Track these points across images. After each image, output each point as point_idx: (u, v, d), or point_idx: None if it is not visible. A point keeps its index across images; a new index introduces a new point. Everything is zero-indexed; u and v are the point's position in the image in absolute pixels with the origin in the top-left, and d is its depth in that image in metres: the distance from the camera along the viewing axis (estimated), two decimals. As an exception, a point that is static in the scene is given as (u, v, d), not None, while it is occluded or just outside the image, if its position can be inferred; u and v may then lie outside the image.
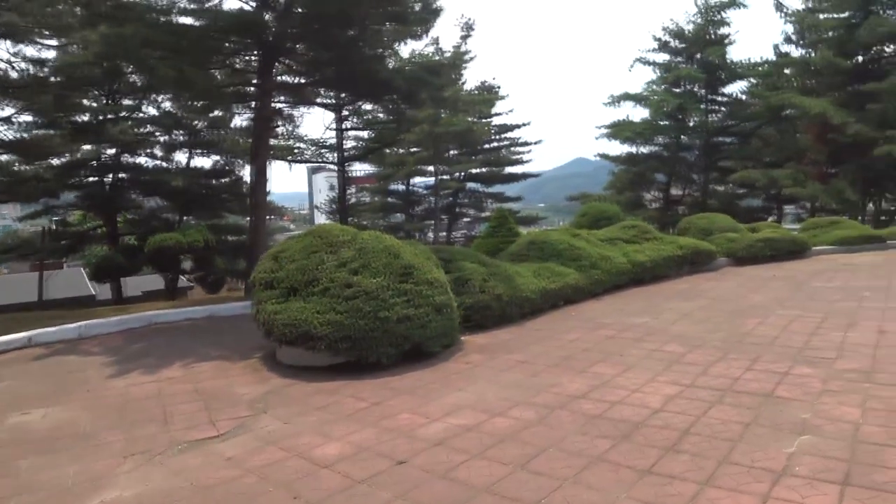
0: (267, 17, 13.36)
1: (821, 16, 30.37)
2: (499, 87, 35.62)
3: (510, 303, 8.83)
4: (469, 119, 32.32)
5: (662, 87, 33.53)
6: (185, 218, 23.34)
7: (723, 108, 34.27)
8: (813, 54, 30.43)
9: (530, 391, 5.71)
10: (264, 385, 6.38)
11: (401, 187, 37.61)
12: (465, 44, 27.53)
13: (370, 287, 6.55)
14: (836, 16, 29.76)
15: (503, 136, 37.72)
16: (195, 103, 18.28)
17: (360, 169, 35.81)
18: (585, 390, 5.65)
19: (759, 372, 6.03)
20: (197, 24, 12.91)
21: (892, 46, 28.97)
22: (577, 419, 4.94)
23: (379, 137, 27.94)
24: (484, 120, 35.64)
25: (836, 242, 17.53)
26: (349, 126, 28.57)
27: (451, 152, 36.12)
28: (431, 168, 34.85)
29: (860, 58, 29.22)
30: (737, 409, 5.00)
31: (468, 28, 26.49)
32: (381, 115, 25.20)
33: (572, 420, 4.93)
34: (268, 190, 19.46)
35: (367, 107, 24.86)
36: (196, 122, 22.19)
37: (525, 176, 39.43)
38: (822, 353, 6.68)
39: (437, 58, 19.89)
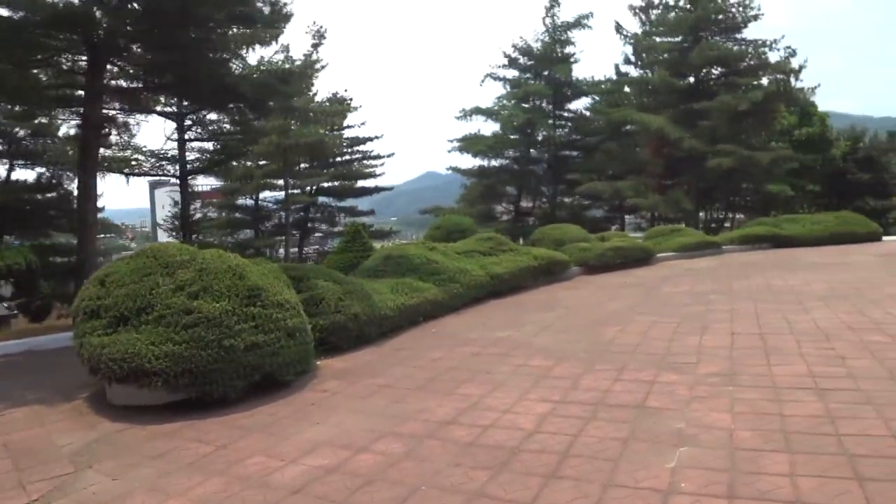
0: (97, 12, 12.06)
1: (657, 39, 32.57)
2: (351, 99, 35.08)
3: (368, 322, 8.32)
4: (320, 131, 31.48)
5: (512, 102, 34.48)
6: (4, 237, 20.92)
7: (569, 124, 35.83)
8: (650, 74, 32.52)
9: (396, 419, 5.23)
10: (90, 432, 5.43)
11: (249, 202, 36.06)
12: (317, 52, 26.81)
13: (213, 312, 5.80)
14: (670, 40, 32.05)
15: (355, 148, 37.17)
16: (14, 107, 16.37)
17: (204, 183, 33.99)
18: (455, 415, 5.26)
19: (628, 382, 5.94)
20: (11, 15, 11.44)
21: (719, 69, 31.51)
22: (449, 449, 4.52)
23: (224, 149, 26.42)
24: (335, 132, 34.91)
25: (678, 249, 18.46)
26: (192, 136, 26.83)
27: (302, 165, 35.07)
28: (281, 182, 33.60)
29: (692, 78, 31.56)
30: (612, 425, 4.81)
31: (320, 36, 25.80)
32: (227, 126, 23.84)
33: (444, 450, 4.50)
34: (101, 206, 17.77)
35: (213, 116, 23.44)
36: (17, 129, 19.98)
37: (377, 189, 39.06)
38: (684, 358, 6.74)
39: (286, 65, 19.07)
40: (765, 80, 30.58)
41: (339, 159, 37.03)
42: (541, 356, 7.17)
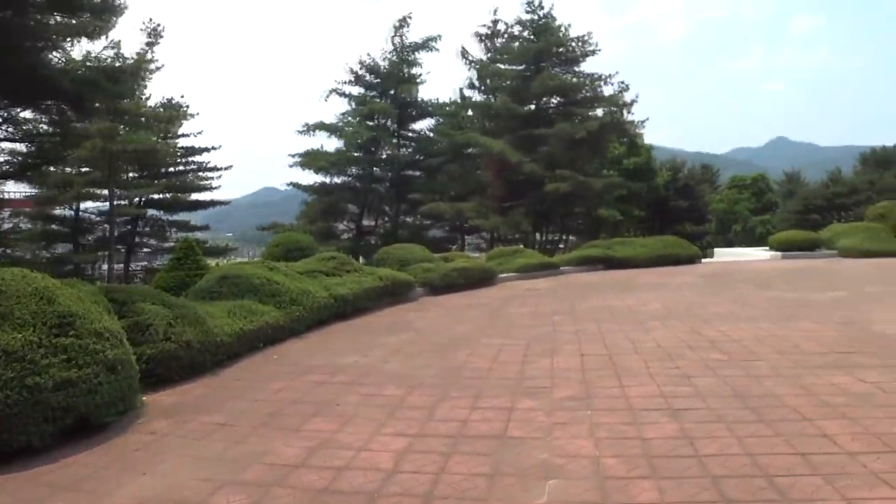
0: None
1: (500, 66, 33.64)
2: (187, 106, 33.19)
3: (202, 349, 7.52)
4: (152, 137, 29.35)
5: (357, 119, 34.20)
6: None
7: (413, 144, 36.09)
8: (493, 99, 33.52)
9: (237, 465, 4.60)
10: None
11: (68, 212, 32.99)
12: (152, 51, 25.02)
13: (12, 345, 4.87)
14: (513, 68, 33.24)
15: (190, 159, 35.21)
16: None
17: (16, 190, 30.63)
18: (304, 456, 4.73)
19: (486, 410, 5.70)
20: None
21: (558, 98, 33.11)
22: (300, 498, 4.00)
23: (40, 152, 23.84)
24: (169, 140, 32.83)
25: (519, 270, 18.81)
26: (2, 136, 24.03)
27: (130, 174, 32.59)
28: (105, 191, 30.98)
29: (533, 106, 32.92)
30: (476, 458, 4.53)
31: (155, 34, 24.14)
32: (44, 126, 21.51)
33: (294, 500, 3.97)
34: None
35: (28, 114, 21.06)
36: None
37: (213, 203, 37.27)
38: (538, 382, 6.64)
39: (116, 63, 17.49)
40: (599, 112, 32.46)
41: (171, 169, 34.90)
42: (392, 384, 6.79)
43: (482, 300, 14.00)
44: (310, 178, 34.88)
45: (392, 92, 33.87)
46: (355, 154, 34.27)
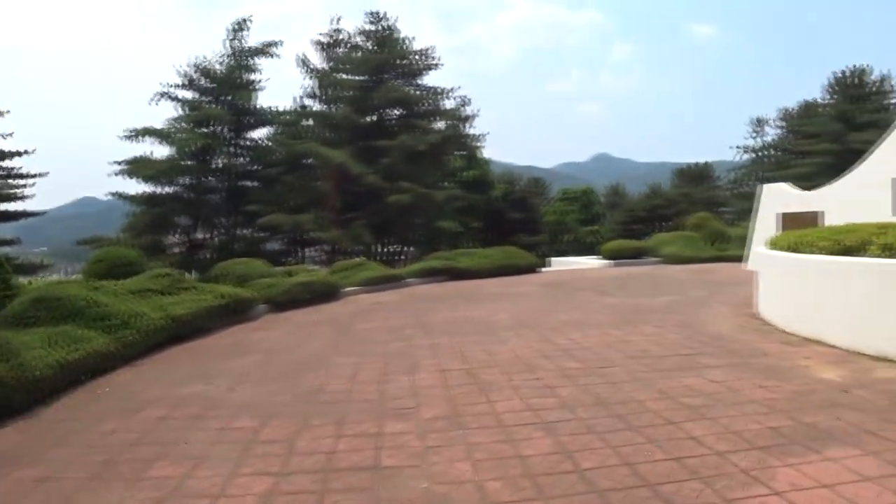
0: None
1: (341, 76, 33.20)
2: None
3: (15, 387, 6.48)
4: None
5: (188, 125, 32.28)
6: None
7: (249, 153, 34.61)
8: (334, 109, 33.01)
9: (66, 529, 3.90)
10: None
11: None
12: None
13: None
14: (354, 78, 32.94)
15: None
16: None
17: None
18: (150, 510, 4.10)
19: (352, 438, 5.32)
20: None
21: (399, 110, 33.24)
22: (148, 565, 3.42)
23: None
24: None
25: (363, 283, 18.44)
26: None
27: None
28: None
29: (374, 117, 32.80)
30: (352, 495, 4.16)
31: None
32: None
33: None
34: None
35: None
36: None
37: (23, 214, 33.81)
38: (403, 402, 6.37)
39: None
40: (440, 125, 32.99)
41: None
42: (244, 415, 6.18)
43: (329, 315, 13.50)
44: (136, 187, 32.47)
45: (228, 98, 32.27)
46: (187, 162, 32.23)
